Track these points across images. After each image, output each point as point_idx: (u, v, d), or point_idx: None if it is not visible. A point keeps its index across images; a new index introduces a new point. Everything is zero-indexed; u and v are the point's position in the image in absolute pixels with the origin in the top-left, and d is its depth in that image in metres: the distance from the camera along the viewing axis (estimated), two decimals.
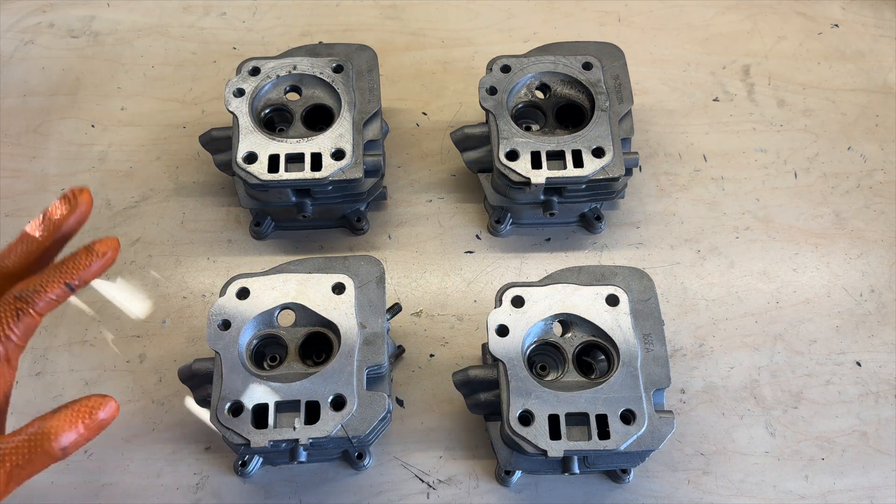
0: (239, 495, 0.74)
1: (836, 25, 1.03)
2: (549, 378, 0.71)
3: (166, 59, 0.99)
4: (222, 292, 0.71)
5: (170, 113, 0.95)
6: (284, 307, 0.71)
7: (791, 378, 0.80)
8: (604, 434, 0.65)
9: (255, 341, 0.71)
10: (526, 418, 0.65)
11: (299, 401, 0.66)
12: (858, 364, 0.81)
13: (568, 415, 0.65)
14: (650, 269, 0.84)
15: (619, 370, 0.67)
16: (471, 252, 0.87)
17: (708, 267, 0.86)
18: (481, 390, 0.71)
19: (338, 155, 0.77)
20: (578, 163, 0.77)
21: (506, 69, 0.83)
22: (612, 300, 0.71)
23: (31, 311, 0.51)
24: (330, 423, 0.65)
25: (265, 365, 0.72)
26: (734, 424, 0.78)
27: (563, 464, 0.68)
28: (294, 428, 0.65)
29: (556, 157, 0.78)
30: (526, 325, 0.69)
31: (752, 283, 0.85)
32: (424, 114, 0.96)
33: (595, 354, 0.72)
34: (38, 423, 0.49)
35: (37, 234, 0.53)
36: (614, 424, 0.65)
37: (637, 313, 0.71)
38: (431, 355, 0.81)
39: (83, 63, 0.99)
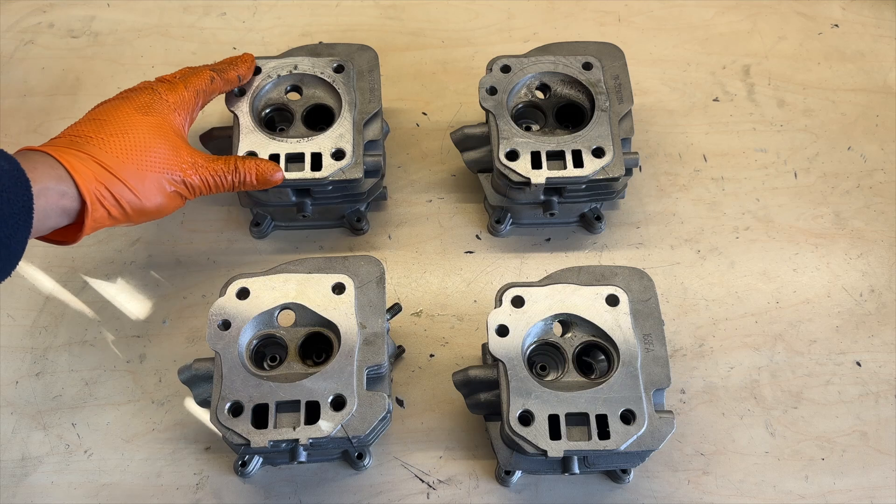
0: (239, 495, 0.74)
1: (836, 25, 1.03)
2: (549, 378, 0.71)
3: (166, 59, 0.99)
4: (222, 292, 0.71)
5: None
6: (284, 307, 0.71)
7: (791, 378, 0.80)
8: (604, 434, 0.65)
9: (255, 341, 0.71)
10: (526, 418, 0.65)
11: (299, 401, 0.66)
12: (858, 364, 0.81)
13: (568, 415, 0.65)
14: (650, 269, 0.84)
15: (619, 370, 0.67)
16: (471, 252, 0.87)
17: (708, 267, 0.86)
18: (481, 390, 0.71)
19: (338, 155, 0.77)
20: (578, 163, 0.77)
21: (506, 69, 0.83)
22: (612, 300, 0.71)
23: (218, 77, 0.77)
24: (330, 424, 0.65)
25: (265, 365, 0.72)
26: (734, 424, 0.78)
27: (563, 464, 0.68)
28: (294, 428, 0.65)
29: (556, 157, 0.78)
30: (526, 325, 0.69)
31: (752, 283, 0.85)
32: (424, 114, 0.96)
33: (595, 354, 0.72)
34: (233, 160, 0.74)
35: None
36: (614, 424, 0.65)
37: (637, 313, 0.71)
38: (431, 355, 0.81)
39: (83, 63, 0.99)
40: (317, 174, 0.76)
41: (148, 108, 0.70)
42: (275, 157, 0.77)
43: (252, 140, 0.78)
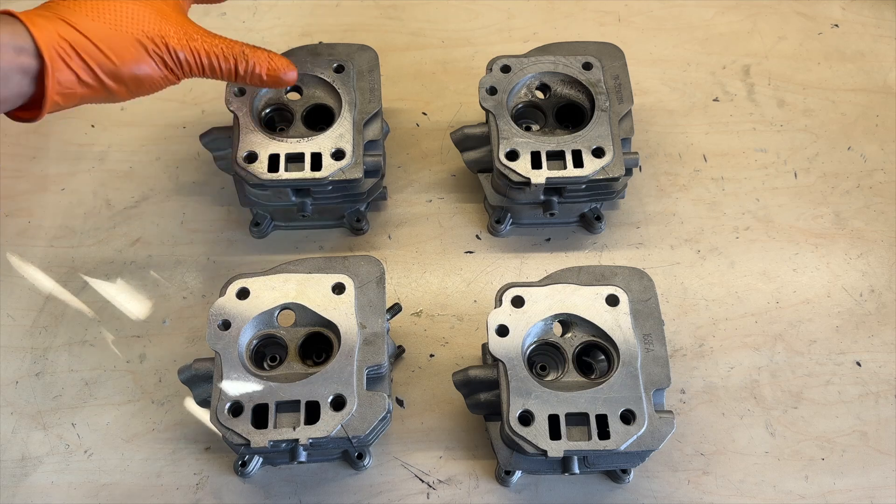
0: (239, 495, 0.74)
1: (836, 25, 1.03)
2: (549, 378, 0.71)
3: None
4: (222, 292, 0.71)
5: (170, 113, 0.95)
6: (284, 307, 0.71)
7: (791, 378, 0.80)
8: (604, 434, 0.65)
9: (255, 341, 0.71)
10: (526, 418, 0.65)
11: (299, 401, 0.66)
12: (858, 364, 0.81)
13: (568, 415, 0.65)
14: (650, 269, 0.84)
15: (619, 370, 0.67)
16: (471, 252, 0.87)
17: (708, 267, 0.86)
18: (481, 390, 0.71)
19: (338, 155, 0.77)
20: (578, 163, 0.77)
21: (506, 69, 0.83)
22: (612, 300, 0.71)
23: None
24: (330, 424, 0.65)
25: (265, 365, 0.72)
26: (734, 424, 0.78)
27: (563, 464, 0.68)
28: (294, 429, 0.65)
29: (556, 157, 0.78)
30: (526, 325, 0.69)
31: (752, 283, 0.85)
32: (424, 114, 0.96)
33: (595, 354, 0.72)
34: (243, 45, 0.67)
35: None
36: (614, 424, 0.65)
37: (637, 313, 0.71)
38: (431, 355, 0.81)
39: None
40: (317, 174, 0.76)
41: None
42: (275, 157, 0.77)
43: (252, 140, 0.78)
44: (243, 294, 0.71)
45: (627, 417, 0.65)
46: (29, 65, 0.58)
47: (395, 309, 0.78)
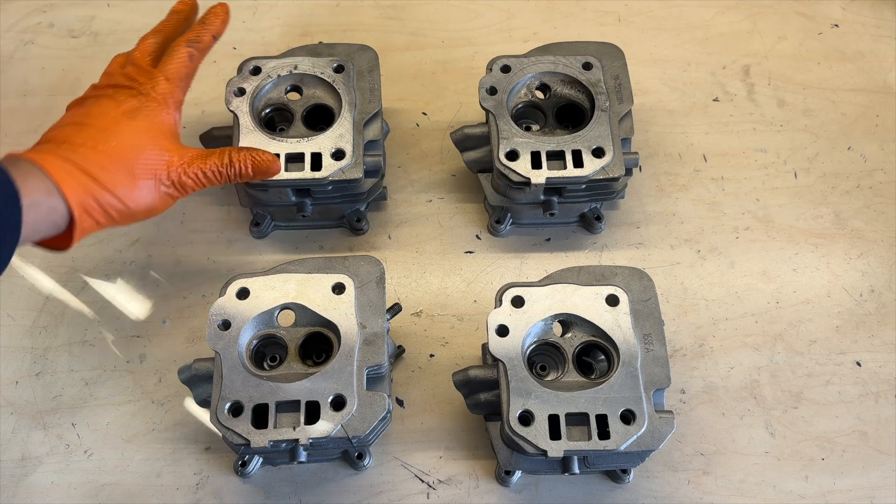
0: (239, 495, 0.74)
1: (836, 25, 1.03)
2: (549, 378, 0.71)
3: None
4: (222, 292, 0.71)
5: None
6: (284, 307, 0.71)
7: (791, 378, 0.80)
8: (604, 434, 0.65)
9: (255, 341, 0.71)
10: (526, 418, 0.65)
11: (299, 401, 0.66)
12: (858, 364, 0.81)
13: (568, 415, 0.65)
14: (650, 269, 0.84)
15: (619, 370, 0.67)
16: (471, 252, 0.87)
17: (708, 267, 0.86)
18: (481, 390, 0.71)
19: (338, 155, 0.77)
20: (578, 163, 0.77)
21: (506, 69, 0.83)
22: (612, 300, 0.71)
23: (196, 51, 0.75)
24: (330, 424, 0.65)
25: (265, 365, 0.72)
26: (734, 424, 0.78)
27: (563, 464, 0.68)
28: (294, 428, 0.65)
29: (556, 157, 0.78)
30: (526, 325, 0.69)
31: (752, 283, 0.85)
32: (424, 114, 0.96)
33: (595, 354, 0.72)
34: (226, 152, 0.72)
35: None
36: (614, 424, 0.65)
37: (637, 313, 0.71)
38: (431, 355, 0.81)
39: (83, 63, 0.99)
40: (317, 174, 0.76)
41: (135, 113, 0.69)
42: None
43: (252, 140, 0.78)
44: (243, 294, 0.71)
45: (627, 417, 0.65)
46: (59, 220, 0.62)
47: (395, 309, 0.78)
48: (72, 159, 0.64)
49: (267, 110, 0.83)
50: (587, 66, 0.83)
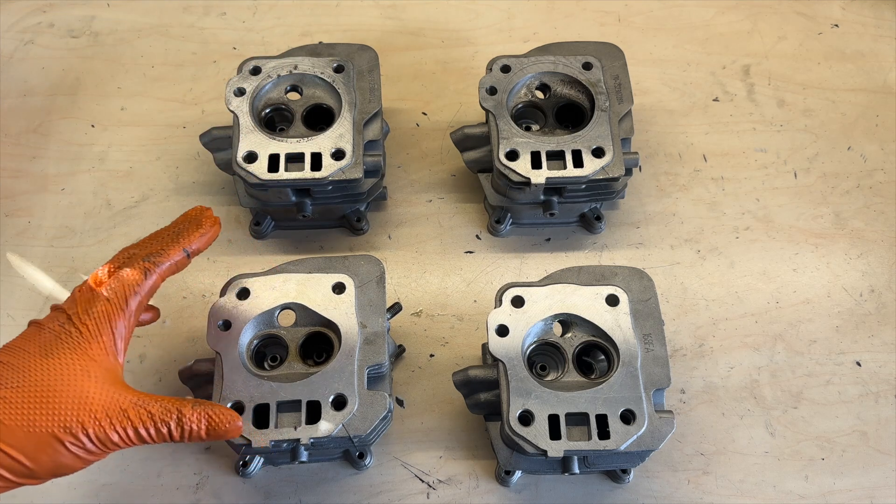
0: (239, 495, 0.74)
1: (836, 25, 1.03)
2: (549, 378, 0.71)
3: (166, 59, 0.99)
4: (222, 292, 0.71)
5: (170, 113, 0.95)
6: (285, 307, 0.71)
7: (791, 378, 0.80)
8: (604, 434, 0.65)
9: (255, 341, 0.71)
10: (526, 418, 0.65)
11: (300, 401, 0.66)
12: (858, 364, 0.81)
13: (568, 415, 0.65)
14: (650, 269, 0.84)
15: (619, 370, 0.67)
16: (471, 252, 0.87)
17: (708, 267, 0.86)
18: (481, 390, 0.71)
19: (338, 155, 0.77)
20: (578, 163, 0.77)
21: (506, 69, 0.83)
22: (612, 300, 0.71)
23: (155, 272, 0.62)
24: (331, 423, 0.65)
25: (266, 365, 0.72)
26: (734, 424, 0.78)
27: (563, 464, 0.68)
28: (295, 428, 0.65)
29: (556, 157, 0.78)
30: (526, 325, 0.69)
31: (752, 283, 0.85)
32: (424, 114, 0.96)
33: (595, 354, 0.72)
34: (176, 404, 0.59)
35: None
36: (614, 424, 0.65)
37: (637, 313, 0.71)
38: (431, 355, 0.81)
39: (83, 63, 0.99)
40: (317, 174, 0.76)
41: (50, 349, 0.57)
42: (275, 157, 0.77)
43: (252, 140, 0.78)
44: (244, 294, 0.71)
45: (627, 417, 0.65)
46: None
47: (396, 308, 0.78)
48: None
49: (267, 110, 0.83)
50: (587, 66, 0.83)
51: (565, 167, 0.77)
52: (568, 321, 0.71)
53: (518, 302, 0.71)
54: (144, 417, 0.57)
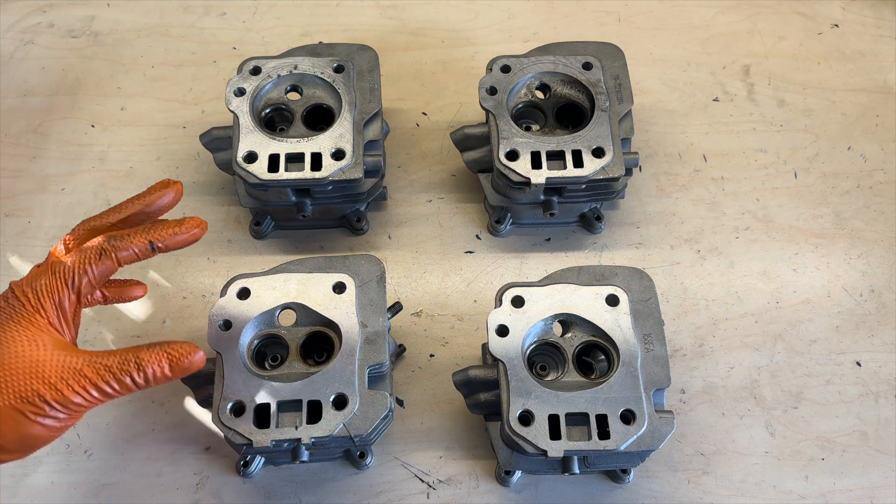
0: (239, 495, 0.74)
1: (836, 25, 1.03)
2: (549, 378, 0.71)
3: (166, 59, 0.99)
4: (223, 292, 0.71)
5: (170, 113, 0.95)
6: (285, 307, 0.71)
7: (791, 378, 0.80)
8: (604, 434, 0.65)
9: (256, 341, 0.71)
10: (526, 418, 0.65)
11: (301, 400, 0.66)
12: (858, 364, 0.81)
13: (568, 415, 0.65)
14: (650, 269, 0.84)
15: (619, 370, 0.67)
16: (471, 252, 0.87)
17: (708, 267, 0.86)
18: (481, 390, 0.71)
19: (338, 155, 0.77)
20: (578, 163, 0.77)
21: (506, 69, 0.83)
22: (612, 300, 0.71)
23: (112, 255, 0.59)
24: (332, 423, 0.65)
25: (266, 365, 0.72)
26: (734, 424, 0.78)
27: (563, 464, 0.68)
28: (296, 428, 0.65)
29: (556, 157, 0.78)
30: (526, 325, 0.69)
31: (752, 283, 0.85)
32: (424, 114, 0.96)
33: (595, 354, 0.72)
34: (132, 351, 0.57)
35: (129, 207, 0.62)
36: (614, 424, 0.65)
37: (637, 313, 0.71)
38: (431, 355, 0.81)
39: (83, 63, 0.99)
40: (317, 174, 0.76)
41: None
42: (275, 157, 0.77)
43: (252, 140, 0.78)
44: (244, 294, 0.71)
45: (627, 417, 0.65)
46: None
47: (396, 308, 0.78)
48: None
49: (267, 110, 0.83)
50: (587, 66, 0.83)
51: (565, 167, 0.77)
52: (568, 321, 0.71)
53: (518, 302, 0.71)
54: (103, 372, 0.56)
